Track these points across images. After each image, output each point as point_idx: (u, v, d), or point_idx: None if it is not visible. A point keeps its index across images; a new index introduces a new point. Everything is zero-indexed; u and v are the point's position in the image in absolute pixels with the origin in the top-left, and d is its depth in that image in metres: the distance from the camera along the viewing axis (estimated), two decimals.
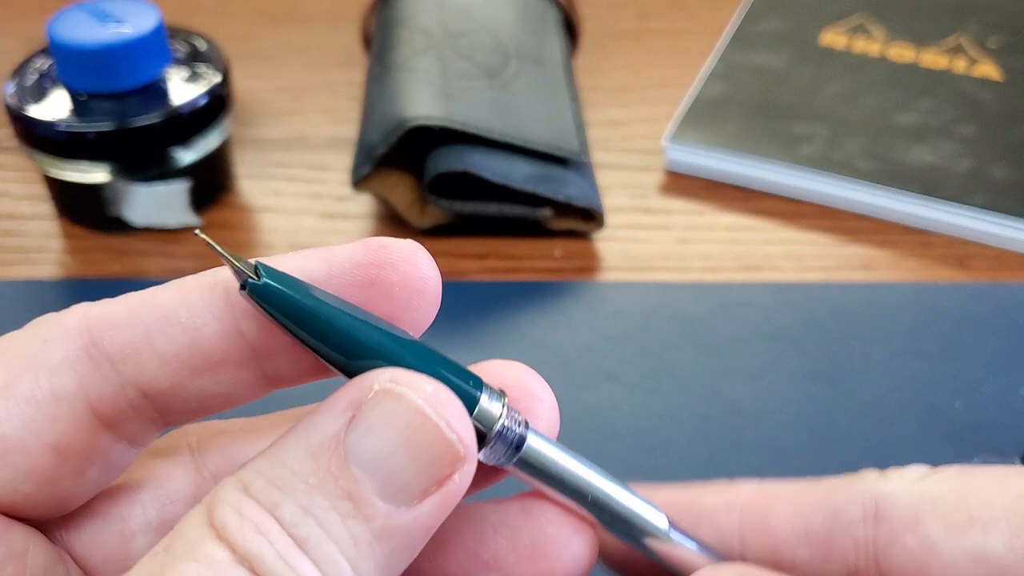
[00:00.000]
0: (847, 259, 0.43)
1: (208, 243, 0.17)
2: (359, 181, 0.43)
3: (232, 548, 0.16)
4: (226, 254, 0.17)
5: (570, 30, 0.53)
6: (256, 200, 0.46)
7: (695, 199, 0.46)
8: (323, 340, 0.18)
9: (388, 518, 0.16)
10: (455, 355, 0.19)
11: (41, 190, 0.45)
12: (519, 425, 0.19)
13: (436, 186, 0.42)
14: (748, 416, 0.36)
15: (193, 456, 0.21)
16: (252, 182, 0.47)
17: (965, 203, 0.44)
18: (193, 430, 0.22)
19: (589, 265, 0.43)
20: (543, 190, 0.42)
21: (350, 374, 0.18)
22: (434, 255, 0.19)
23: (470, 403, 0.18)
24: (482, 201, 0.42)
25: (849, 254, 0.43)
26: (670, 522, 0.21)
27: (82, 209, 0.43)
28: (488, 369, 0.21)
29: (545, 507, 0.20)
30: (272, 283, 0.17)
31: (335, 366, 0.18)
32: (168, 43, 0.42)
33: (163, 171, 0.42)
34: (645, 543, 0.21)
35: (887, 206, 0.45)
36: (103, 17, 0.40)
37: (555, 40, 0.50)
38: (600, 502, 0.20)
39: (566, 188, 0.42)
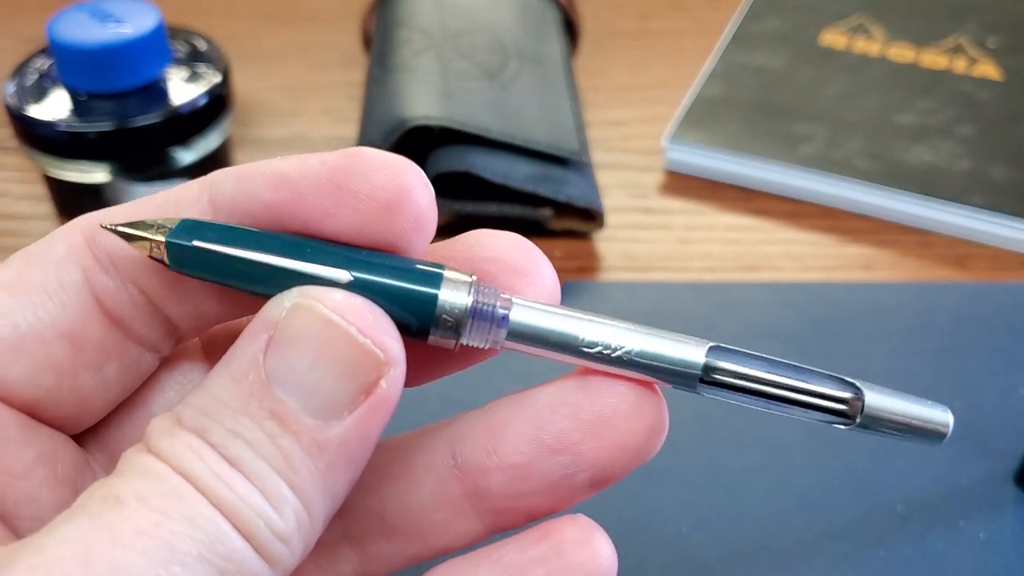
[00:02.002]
0: (847, 259, 0.43)
1: (117, 232, 0.18)
2: None
3: (171, 466, 0.16)
4: (137, 238, 0.18)
5: (570, 30, 0.53)
6: None
7: (695, 199, 0.46)
8: (251, 289, 0.18)
9: (317, 432, 0.16)
10: None
11: (41, 190, 0.45)
12: (497, 304, 0.18)
13: (436, 186, 0.42)
14: (748, 415, 0.36)
15: (198, 340, 0.22)
16: None
17: (964, 203, 0.44)
18: None
19: (589, 265, 0.43)
20: (543, 190, 0.42)
21: None
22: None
23: (430, 298, 0.18)
24: (482, 201, 0.42)
25: (849, 254, 0.44)
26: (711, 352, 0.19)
27: (82, 209, 0.43)
28: (472, 243, 0.20)
29: (606, 379, 0.19)
30: (181, 267, 0.18)
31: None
32: (168, 43, 0.42)
33: (163, 171, 0.42)
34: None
35: (886, 206, 0.45)
36: (103, 17, 0.40)
37: (555, 40, 0.50)
38: (620, 358, 0.19)
39: (566, 188, 0.42)
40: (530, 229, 0.44)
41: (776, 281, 0.42)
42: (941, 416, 0.20)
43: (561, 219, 0.43)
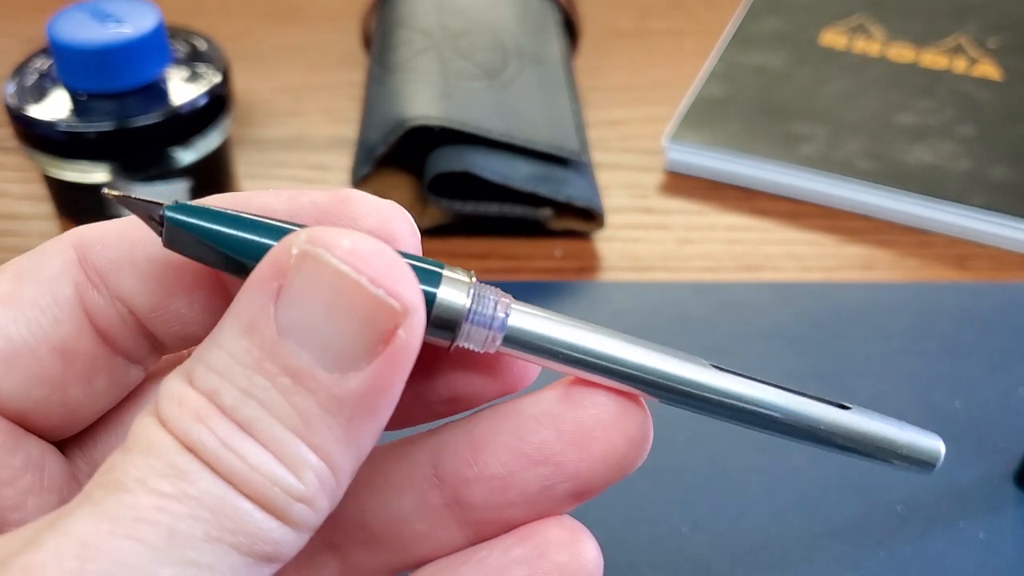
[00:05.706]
0: (847, 259, 0.43)
1: (118, 200, 0.18)
2: (359, 181, 0.43)
3: (176, 437, 0.15)
4: (136, 211, 0.18)
5: (570, 30, 0.53)
6: None
7: (695, 199, 0.47)
8: (250, 264, 0.17)
9: (334, 387, 0.16)
10: None
11: (41, 190, 0.45)
12: (497, 305, 0.18)
13: (436, 186, 0.42)
14: None
15: (185, 354, 0.22)
16: (252, 182, 0.47)
17: (964, 203, 0.44)
18: None
19: (589, 265, 0.43)
20: (543, 190, 0.42)
21: None
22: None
23: (427, 297, 0.17)
24: (482, 201, 0.42)
25: (849, 254, 0.44)
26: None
27: (82, 209, 0.43)
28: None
29: (588, 390, 0.19)
30: (174, 246, 0.17)
31: None
32: (168, 43, 0.42)
33: (163, 171, 0.42)
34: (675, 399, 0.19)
35: (887, 206, 0.45)
36: (103, 17, 0.40)
37: (555, 40, 0.50)
38: (618, 369, 0.18)
39: (566, 188, 0.42)
40: (530, 229, 0.44)
41: (776, 281, 0.42)
42: (932, 444, 0.20)
43: (561, 219, 0.43)
